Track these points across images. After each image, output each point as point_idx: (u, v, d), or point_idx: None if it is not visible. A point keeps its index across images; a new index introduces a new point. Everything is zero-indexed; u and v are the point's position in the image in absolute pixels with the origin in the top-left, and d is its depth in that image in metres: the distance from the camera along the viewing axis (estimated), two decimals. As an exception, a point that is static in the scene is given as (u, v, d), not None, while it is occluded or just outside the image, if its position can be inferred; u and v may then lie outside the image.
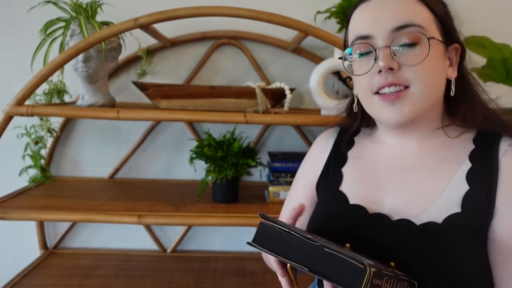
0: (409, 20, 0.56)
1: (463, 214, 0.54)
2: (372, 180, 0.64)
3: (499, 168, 0.54)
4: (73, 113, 1.02)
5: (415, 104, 0.57)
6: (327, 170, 0.71)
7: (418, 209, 0.56)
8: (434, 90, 0.58)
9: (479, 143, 0.57)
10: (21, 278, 1.20)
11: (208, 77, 1.38)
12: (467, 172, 0.56)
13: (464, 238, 0.53)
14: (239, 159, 1.11)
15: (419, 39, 0.56)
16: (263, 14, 0.96)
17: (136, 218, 1.02)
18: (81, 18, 0.99)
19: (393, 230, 0.57)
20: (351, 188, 0.65)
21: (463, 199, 0.54)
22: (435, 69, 0.57)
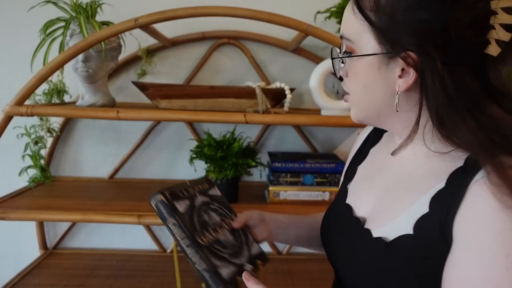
0: (342, 31, 0.56)
1: (414, 237, 0.49)
2: (371, 181, 0.63)
3: (464, 196, 0.46)
4: (73, 113, 1.02)
5: (355, 110, 0.59)
6: (351, 164, 0.71)
7: (382, 222, 0.55)
8: (367, 102, 0.56)
9: (466, 163, 0.48)
10: (21, 278, 1.20)
11: (208, 77, 1.38)
12: (435, 193, 0.49)
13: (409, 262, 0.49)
14: (239, 159, 1.11)
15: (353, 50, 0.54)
16: (263, 14, 0.96)
17: (136, 218, 1.02)
18: (81, 18, 0.99)
19: (358, 237, 0.57)
20: (355, 187, 0.66)
21: (417, 221, 0.50)
22: (363, 82, 0.54)
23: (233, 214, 0.73)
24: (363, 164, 0.68)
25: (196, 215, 0.65)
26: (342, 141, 1.43)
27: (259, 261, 0.70)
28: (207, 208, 0.68)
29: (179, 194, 0.65)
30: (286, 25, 0.98)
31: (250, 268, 0.67)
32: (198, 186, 0.71)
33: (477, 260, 0.43)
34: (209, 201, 0.70)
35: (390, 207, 0.55)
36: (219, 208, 0.71)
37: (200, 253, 0.60)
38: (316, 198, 1.17)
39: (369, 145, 0.69)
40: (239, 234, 0.70)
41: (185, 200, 0.65)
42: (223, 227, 0.68)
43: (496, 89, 0.48)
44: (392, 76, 0.52)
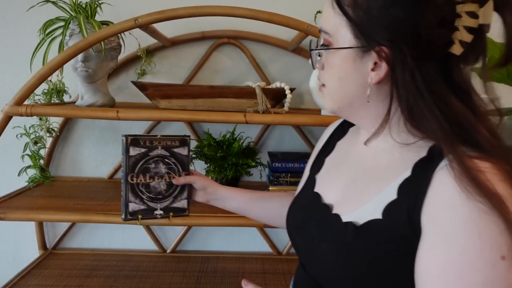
0: (320, 25, 0.59)
1: (382, 222, 0.52)
2: (338, 170, 0.67)
3: (430, 184, 0.49)
4: (73, 113, 1.02)
5: (329, 100, 0.61)
6: (318, 157, 0.76)
7: (351, 207, 0.58)
8: (341, 93, 0.59)
9: (430, 153, 0.52)
10: (20, 279, 1.20)
11: (208, 77, 1.38)
12: (403, 181, 0.53)
13: (378, 245, 0.52)
14: (239, 159, 1.11)
15: (330, 44, 0.57)
16: (263, 14, 0.96)
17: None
18: (80, 18, 0.99)
19: (327, 222, 0.60)
20: (323, 177, 0.70)
21: (386, 207, 0.53)
22: (338, 74, 0.58)
23: (185, 172, 0.88)
24: (330, 156, 0.72)
25: (144, 161, 0.84)
26: (342, 141, 1.42)
27: (172, 213, 0.87)
28: (159, 160, 0.85)
29: (140, 142, 0.84)
30: (286, 25, 0.98)
31: (160, 214, 0.86)
32: (166, 142, 0.87)
33: (452, 244, 0.46)
34: (167, 155, 0.86)
35: (358, 195, 0.58)
36: (173, 163, 0.87)
37: (124, 186, 0.83)
38: (316, 198, 1.17)
39: (336, 138, 0.74)
40: (176, 188, 0.87)
41: (142, 148, 0.84)
42: (164, 178, 0.86)
43: (458, 85, 0.52)
44: (366, 69, 0.55)
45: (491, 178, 0.46)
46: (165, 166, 0.86)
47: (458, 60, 0.52)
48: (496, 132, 0.52)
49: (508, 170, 0.47)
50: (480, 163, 0.47)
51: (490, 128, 0.51)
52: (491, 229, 0.44)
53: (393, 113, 0.55)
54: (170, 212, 0.87)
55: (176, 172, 0.87)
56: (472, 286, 0.44)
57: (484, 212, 0.44)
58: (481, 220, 0.44)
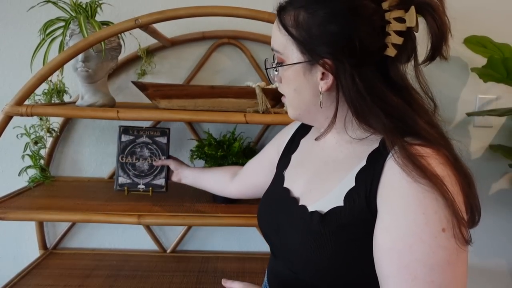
0: (272, 45, 0.65)
1: (344, 208, 0.58)
2: (301, 166, 0.73)
3: (382, 171, 0.56)
4: (73, 113, 1.02)
5: (290, 109, 0.68)
6: (284, 154, 0.81)
7: (316, 198, 0.64)
8: (298, 102, 0.65)
9: (381, 144, 0.59)
10: (20, 278, 1.20)
11: (208, 77, 1.38)
12: (359, 170, 0.59)
13: (342, 230, 0.58)
14: (239, 159, 1.11)
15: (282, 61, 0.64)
16: (263, 14, 0.96)
17: (136, 218, 1.02)
18: (80, 18, 0.99)
19: (294, 213, 0.66)
20: (290, 173, 0.75)
21: (346, 194, 0.59)
22: (293, 86, 0.64)
23: (164, 156, 1.14)
24: (295, 153, 0.78)
25: (131, 146, 1.14)
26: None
27: (151, 188, 1.14)
28: (144, 145, 1.14)
29: (129, 131, 1.15)
30: (286, 25, 0.98)
31: (142, 188, 1.15)
32: (150, 132, 1.15)
33: (401, 221, 0.53)
34: (150, 142, 1.14)
35: (321, 186, 0.65)
36: (154, 149, 1.14)
37: (117, 164, 1.14)
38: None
39: (299, 136, 0.80)
40: (156, 168, 1.13)
41: (131, 136, 1.14)
42: (147, 159, 1.14)
43: (396, 83, 0.59)
44: (315, 80, 0.61)
45: (431, 162, 0.53)
46: (148, 151, 1.14)
47: (393, 60, 0.59)
48: (433, 121, 0.60)
49: (446, 154, 0.55)
50: (421, 149, 0.54)
51: (428, 118, 0.60)
52: (433, 206, 0.51)
53: (346, 113, 0.63)
54: (150, 187, 1.14)
55: (157, 156, 1.14)
56: (419, 255, 0.51)
57: (427, 191, 0.51)
58: (424, 198, 0.52)
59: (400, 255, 0.52)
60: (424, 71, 0.62)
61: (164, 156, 1.14)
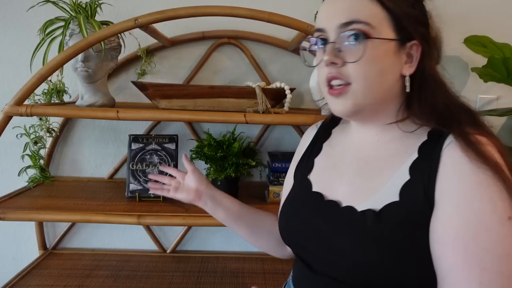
0: (355, 16, 0.57)
1: (401, 203, 0.56)
2: (335, 169, 0.68)
3: (440, 160, 0.54)
4: (73, 113, 1.02)
5: (357, 99, 0.59)
6: (304, 159, 0.77)
7: (364, 197, 0.60)
8: (378, 87, 0.59)
9: (431, 136, 0.58)
10: (20, 279, 1.20)
11: (208, 77, 1.38)
12: (412, 163, 0.57)
13: (399, 226, 0.55)
14: (239, 159, 1.11)
15: (367, 34, 0.57)
16: (263, 14, 0.96)
17: (135, 219, 1.02)
18: (80, 18, 0.99)
19: (339, 215, 0.62)
20: (317, 177, 0.71)
21: (402, 188, 0.56)
22: (379, 66, 0.57)
23: (173, 163, 1.17)
24: (320, 157, 0.74)
25: (141, 153, 1.17)
26: (342, 141, 1.42)
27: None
28: (153, 152, 1.17)
29: (139, 139, 1.18)
30: (286, 25, 0.98)
31: (153, 194, 1.13)
32: (159, 139, 1.19)
33: (465, 209, 0.51)
34: (159, 149, 1.18)
35: (368, 185, 0.61)
36: (163, 155, 1.17)
37: (128, 171, 1.16)
38: (316, 198, 1.16)
39: (321, 140, 0.76)
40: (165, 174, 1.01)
41: (140, 144, 1.18)
42: (156, 166, 1.17)
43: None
44: (401, 62, 0.58)
45: (490, 150, 0.53)
46: (157, 157, 1.17)
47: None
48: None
49: (499, 143, 0.55)
50: (479, 137, 0.54)
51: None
52: (498, 193, 0.50)
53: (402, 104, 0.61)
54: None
55: (166, 162, 1.17)
56: (486, 244, 0.49)
57: (491, 178, 0.50)
58: (488, 186, 0.50)
59: (466, 246, 0.50)
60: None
61: (173, 161, 1.17)
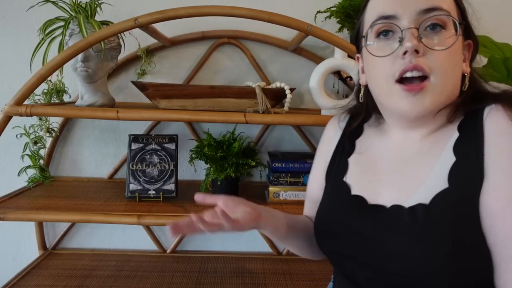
0: (436, 3, 0.55)
1: (451, 189, 0.52)
2: (374, 173, 0.64)
3: (484, 131, 0.52)
4: (72, 113, 1.02)
5: (435, 96, 0.55)
6: (335, 158, 0.72)
7: (409, 193, 0.56)
8: (452, 83, 0.56)
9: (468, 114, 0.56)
10: (20, 279, 1.19)
11: (208, 77, 1.38)
12: (454, 143, 0.55)
13: (454, 214, 0.51)
14: (239, 159, 1.11)
15: (446, 25, 0.55)
16: (263, 14, 0.95)
17: (135, 219, 1.02)
18: (80, 18, 0.99)
19: (386, 217, 0.57)
20: (354, 180, 0.66)
21: (450, 172, 0.53)
22: (455, 60, 0.56)
23: (173, 163, 1.17)
24: (354, 157, 0.69)
25: (141, 153, 1.16)
26: (342, 141, 1.42)
27: (162, 194, 1.15)
28: (153, 152, 1.17)
29: (139, 139, 1.17)
30: (286, 25, 0.98)
31: (153, 194, 1.15)
32: (158, 138, 1.18)
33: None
34: (159, 149, 1.17)
35: (411, 180, 0.57)
36: (163, 155, 1.17)
37: (128, 171, 1.15)
38: (316, 198, 1.16)
39: (353, 137, 0.71)
40: (165, 173, 1.15)
41: (140, 144, 1.17)
42: (156, 165, 1.16)
43: None
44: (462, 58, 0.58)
45: None
46: (157, 157, 1.17)
47: None
48: None
49: None
50: None
51: None
52: None
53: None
54: (160, 193, 1.15)
55: (166, 161, 1.16)
56: None
57: None
58: None
59: None
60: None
61: (173, 161, 1.17)
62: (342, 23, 1.18)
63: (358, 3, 1.08)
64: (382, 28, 0.58)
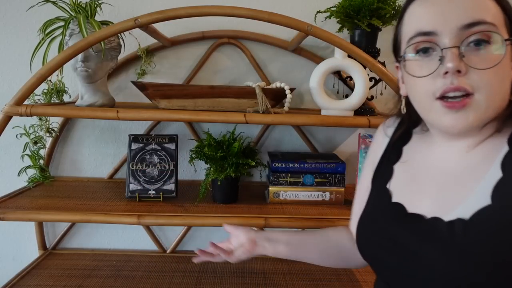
0: (479, 17, 0.51)
1: (493, 206, 0.49)
2: (417, 182, 0.63)
3: None
4: (72, 113, 1.02)
5: (479, 112, 0.52)
6: (381, 164, 0.72)
7: (450, 207, 0.54)
8: (500, 98, 0.53)
9: None
10: (20, 279, 1.20)
11: (208, 77, 1.38)
12: (503, 157, 0.51)
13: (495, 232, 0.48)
14: (239, 159, 1.11)
15: (491, 38, 0.51)
16: (263, 14, 0.95)
17: (135, 219, 1.02)
18: (80, 18, 0.99)
19: (424, 228, 0.56)
20: (397, 187, 0.65)
21: (494, 189, 0.50)
22: (503, 73, 0.52)
23: (173, 163, 1.17)
24: (400, 164, 0.68)
25: (141, 153, 1.16)
26: (342, 141, 1.42)
27: (162, 194, 1.15)
28: (153, 152, 1.17)
29: (139, 139, 1.18)
30: (286, 25, 0.98)
31: (153, 194, 1.15)
32: (158, 138, 1.18)
33: None
34: (159, 149, 1.17)
35: (455, 193, 0.55)
36: (163, 155, 1.17)
37: (128, 171, 1.16)
38: (316, 198, 1.16)
39: (401, 143, 0.70)
40: (165, 173, 1.16)
41: (140, 144, 1.17)
42: (156, 165, 1.16)
43: None
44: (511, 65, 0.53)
45: None
46: (157, 157, 1.17)
47: None
48: None
49: None
50: None
51: None
52: None
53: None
54: (160, 193, 1.15)
55: (166, 161, 1.17)
56: None
57: None
58: None
59: None
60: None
61: (173, 161, 1.17)
62: (342, 23, 1.18)
63: (358, 3, 1.08)
64: (421, 46, 0.55)
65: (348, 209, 1.11)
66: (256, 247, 0.80)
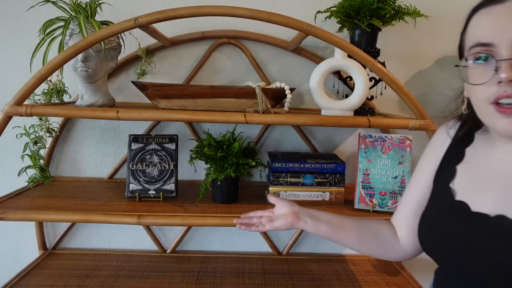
0: None
1: None
2: (480, 182, 0.66)
3: None
4: (73, 113, 1.02)
5: None
6: (443, 164, 0.75)
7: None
8: None
9: None
10: (20, 279, 1.20)
11: (208, 77, 1.38)
12: None
13: None
14: (239, 159, 1.11)
15: None
16: (263, 14, 0.96)
17: (135, 219, 1.02)
18: (80, 18, 0.99)
19: (489, 226, 0.59)
20: (460, 187, 0.68)
21: None
22: None
23: (173, 163, 1.17)
24: (463, 165, 0.71)
25: (141, 153, 1.16)
26: (342, 141, 1.42)
27: (162, 194, 1.15)
28: (153, 152, 1.17)
29: (139, 139, 1.18)
30: (286, 25, 0.98)
31: (153, 194, 1.15)
32: (158, 138, 1.18)
33: None
34: (159, 149, 1.17)
35: None
36: (163, 155, 1.17)
37: (128, 171, 1.16)
38: (317, 198, 1.16)
39: (463, 145, 0.73)
40: (165, 173, 1.16)
41: (140, 144, 1.17)
42: (156, 165, 1.16)
43: None
44: None
45: None
46: (157, 157, 1.17)
47: None
48: None
49: None
50: None
51: None
52: None
53: None
54: (160, 193, 1.15)
55: (166, 161, 1.17)
56: None
57: None
58: None
59: None
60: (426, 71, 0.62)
61: (173, 161, 1.17)
62: (342, 23, 1.18)
63: (358, 3, 1.08)
64: (480, 54, 0.60)
65: (348, 209, 1.12)
66: (298, 221, 0.84)
